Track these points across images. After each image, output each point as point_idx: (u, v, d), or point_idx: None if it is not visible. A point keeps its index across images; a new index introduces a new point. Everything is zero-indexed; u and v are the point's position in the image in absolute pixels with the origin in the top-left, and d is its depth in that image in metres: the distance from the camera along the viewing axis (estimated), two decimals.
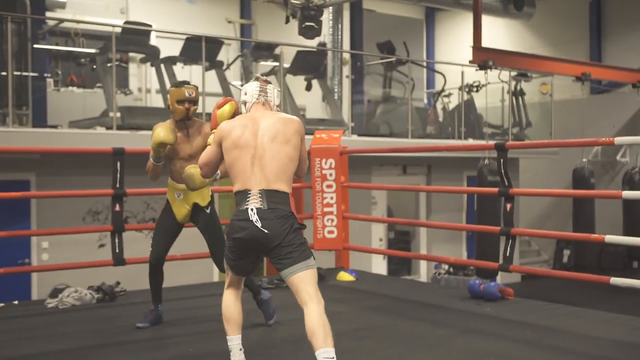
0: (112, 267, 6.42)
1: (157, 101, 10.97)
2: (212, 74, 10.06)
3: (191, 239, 8.63)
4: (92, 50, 10.46)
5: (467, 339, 5.00)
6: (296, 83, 11.23)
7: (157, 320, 5.36)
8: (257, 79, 4.13)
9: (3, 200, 6.63)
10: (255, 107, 4.03)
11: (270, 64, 11.10)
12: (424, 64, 15.25)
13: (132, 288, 6.93)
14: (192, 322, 5.59)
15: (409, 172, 12.52)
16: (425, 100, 15.17)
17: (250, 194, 3.81)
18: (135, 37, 9.68)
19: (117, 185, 6.30)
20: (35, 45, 9.01)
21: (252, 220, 3.75)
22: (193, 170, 4.78)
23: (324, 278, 7.37)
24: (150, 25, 10.08)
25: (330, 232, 7.39)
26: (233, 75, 11.94)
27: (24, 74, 8.53)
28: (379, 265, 11.88)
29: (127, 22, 10.20)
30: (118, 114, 8.38)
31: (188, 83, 5.12)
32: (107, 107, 8.58)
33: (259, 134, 3.87)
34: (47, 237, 8.27)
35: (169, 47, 10.23)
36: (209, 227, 5.25)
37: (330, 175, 7.36)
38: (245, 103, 4.05)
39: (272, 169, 3.82)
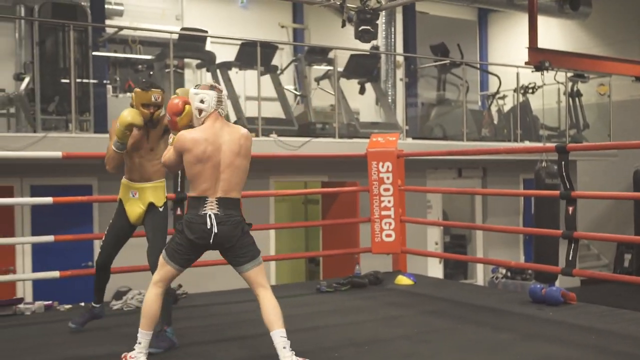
0: None
1: None
2: (266, 79, 10.14)
3: None
4: (149, 57, 10.65)
5: (530, 344, 4.92)
6: (350, 86, 11.24)
7: (92, 319, 5.36)
8: (213, 87, 4.32)
9: (67, 205, 6.79)
10: (212, 117, 4.25)
11: (323, 67, 11.13)
12: (478, 65, 15.08)
13: (194, 291, 7.03)
14: (252, 324, 5.61)
15: (464, 175, 12.41)
16: (480, 103, 15.01)
17: (207, 200, 4.17)
18: (191, 43, 9.82)
19: (178, 189, 6.38)
20: (96, 53, 9.22)
21: (209, 226, 4.14)
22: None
23: (382, 282, 7.37)
24: (205, 31, 10.20)
25: (388, 235, 7.36)
26: (286, 79, 12.01)
27: (85, 81, 8.74)
28: (435, 269, 11.80)
29: (183, 29, 10.35)
30: None
31: (156, 86, 5.07)
32: (164, 112, 8.69)
33: (223, 149, 4.19)
34: None
35: (224, 53, 10.34)
36: (157, 227, 5.10)
37: (388, 178, 7.34)
38: (201, 111, 4.24)
39: (231, 181, 4.21)
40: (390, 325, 5.55)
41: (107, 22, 10.76)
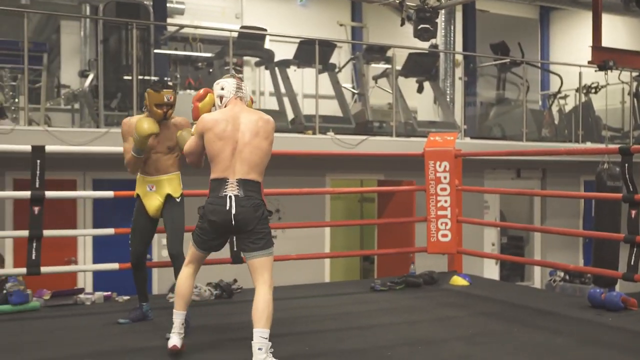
0: (229, 265, 6.56)
1: (271, 104, 11.18)
2: (324, 77, 10.16)
3: (304, 240, 8.82)
4: (209, 55, 10.78)
5: (587, 349, 4.83)
6: (408, 85, 11.18)
7: (140, 318, 5.46)
8: (232, 76, 4.54)
9: (127, 199, 6.90)
10: (232, 102, 4.43)
11: (382, 66, 11.10)
12: (539, 64, 14.82)
13: (249, 286, 7.07)
14: (307, 321, 5.66)
15: (523, 175, 12.20)
16: (540, 102, 14.73)
17: (228, 182, 4.22)
18: (250, 41, 9.90)
19: None
20: (157, 51, 9.39)
21: (227, 207, 4.17)
22: (185, 133, 5.09)
23: (437, 282, 7.32)
24: (265, 29, 10.28)
25: (444, 235, 7.31)
26: (344, 78, 12.02)
27: (147, 78, 8.90)
28: (491, 271, 11.64)
29: (242, 27, 10.46)
30: None
31: (168, 86, 5.24)
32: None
33: (241, 129, 4.28)
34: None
35: (283, 51, 10.41)
36: (175, 217, 5.27)
37: (445, 178, 7.28)
38: (222, 97, 4.46)
39: (250, 161, 4.24)
40: (445, 326, 5.51)
41: (169, 20, 10.95)
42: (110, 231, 6.33)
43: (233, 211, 4.17)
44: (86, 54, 10.13)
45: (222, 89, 4.46)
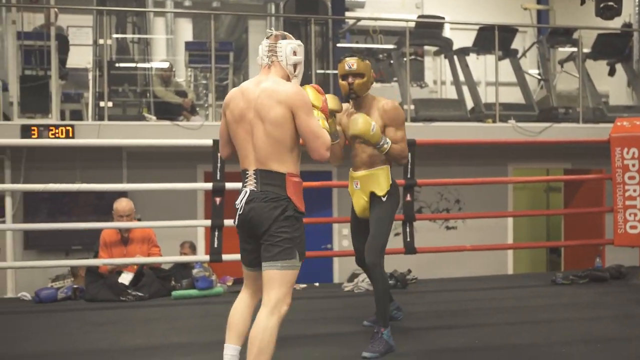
0: (403, 255, 6.60)
1: (451, 93, 11.04)
2: (506, 63, 9.86)
3: (486, 230, 8.64)
4: (389, 46, 10.83)
5: None
6: (597, 68, 10.55)
7: (387, 350, 4.39)
8: (269, 36, 3.55)
9: (308, 190, 7.15)
10: (264, 72, 3.52)
11: (568, 49, 10.55)
12: None
13: (423, 277, 7.10)
14: (480, 314, 5.57)
15: None
16: None
17: (247, 174, 3.43)
18: (428, 31, 9.81)
19: (409, 176, 6.46)
20: (338, 45, 9.58)
21: (238, 205, 3.41)
22: (359, 117, 4.30)
23: (625, 276, 6.89)
24: (443, 18, 10.15)
25: (633, 227, 6.84)
26: (529, 63, 11.58)
27: (328, 72, 9.13)
28: None
29: (420, 16, 10.40)
30: (412, 107, 8.59)
31: (352, 54, 4.55)
32: (402, 100, 8.83)
33: (250, 107, 3.40)
34: (348, 224, 8.75)
35: (463, 38, 10.22)
36: (378, 218, 4.52)
37: (633, 165, 6.82)
38: (295, 65, 3.55)
39: (262, 147, 3.37)
40: (629, 325, 5.18)
41: (348, 14, 11.12)
42: None
43: (239, 210, 3.41)
44: None
45: (295, 54, 3.53)
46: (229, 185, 6.15)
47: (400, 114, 4.57)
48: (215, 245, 6.10)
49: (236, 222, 3.45)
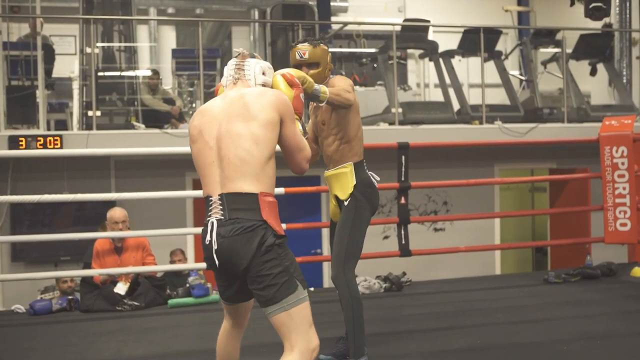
0: (397, 258, 6.61)
1: (435, 95, 11.11)
2: (490, 65, 9.94)
3: (473, 232, 8.70)
4: (373, 50, 10.88)
5: None
6: (580, 68, 10.68)
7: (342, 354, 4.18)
8: (237, 55, 3.17)
9: (297, 195, 7.12)
10: (229, 89, 3.06)
11: (551, 50, 10.67)
12: None
13: (418, 279, 7.13)
14: (477, 314, 5.60)
15: None
16: None
17: (211, 201, 2.84)
18: (413, 34, 9.88)
19: (403, 179, 6.48)
20: None
21: (208, 241, 2.79)
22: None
23: (616, 273, 6.97)
24: (428, 21, 10.22)
25: (623, 224, 6.92)
26: (512, 65, 11.69)
27: None
28: None
29: (405, 20, 10.46)
30: (400, 110, 8.62)
31: (303, 41, 3.99)
32: (389, 103, 8.87)
33: (219, 117, 2.88)
34: None
35: (447, 41, 10.29)
36: (338, 225, 3.98)
37: (622, 164, 6.90)
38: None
39: (230, 161, 2.79)
40: (626, 320, 5.24)
41: (333, 19, 11.16)
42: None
43: (214, 246, 2.77)
44: None
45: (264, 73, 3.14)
46: None
47: (342, 79, 4.07)
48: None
49: (208, 261, 2.84)
